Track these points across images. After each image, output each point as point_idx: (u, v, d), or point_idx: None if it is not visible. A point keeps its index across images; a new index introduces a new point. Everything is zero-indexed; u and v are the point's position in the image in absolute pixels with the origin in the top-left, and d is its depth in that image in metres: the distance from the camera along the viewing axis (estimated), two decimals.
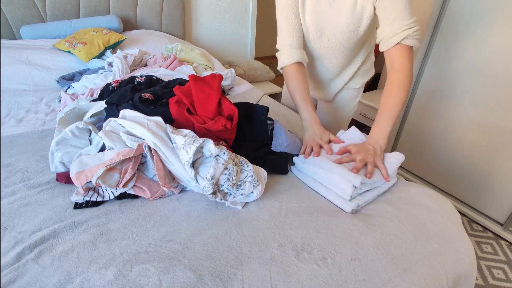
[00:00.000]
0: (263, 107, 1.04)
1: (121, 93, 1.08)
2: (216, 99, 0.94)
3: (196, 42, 2.44)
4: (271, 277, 0.63)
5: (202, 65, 1.80)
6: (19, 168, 0.90)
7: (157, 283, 0.60)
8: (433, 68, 1.77)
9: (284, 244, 0.71)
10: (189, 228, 0.74)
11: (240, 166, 0.81)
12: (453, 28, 1.63)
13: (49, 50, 1.59)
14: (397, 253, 0.72)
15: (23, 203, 0.77)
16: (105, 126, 0.88)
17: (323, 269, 0.66)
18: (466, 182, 1.76)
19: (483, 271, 1.48)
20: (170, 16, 2.15)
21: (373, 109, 2.41)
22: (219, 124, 0.90)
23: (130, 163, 0.80)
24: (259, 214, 0.80)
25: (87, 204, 0.78)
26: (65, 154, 0.87)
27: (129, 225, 0.74)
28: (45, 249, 0.65)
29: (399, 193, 0.92)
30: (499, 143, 1.56)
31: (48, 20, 1.78)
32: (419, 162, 1.99)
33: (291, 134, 1.04)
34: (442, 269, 0.70)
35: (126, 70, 1.44)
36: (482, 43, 1.53)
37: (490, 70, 1.52)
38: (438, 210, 0.86)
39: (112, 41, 1.64)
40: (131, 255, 0.66)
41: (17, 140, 1.04)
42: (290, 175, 0.97)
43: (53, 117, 1.24)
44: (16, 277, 0.60)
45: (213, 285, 0.61)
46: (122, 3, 1.95)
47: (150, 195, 0.81)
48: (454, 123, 1.73)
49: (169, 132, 0.82)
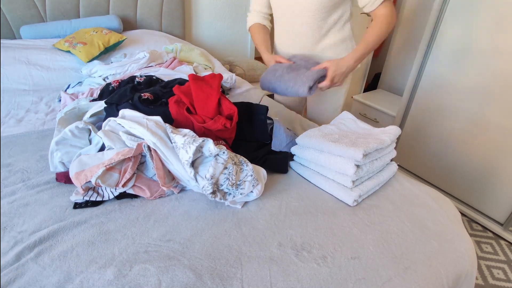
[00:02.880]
0: (263, 106, 1.04)
1: (120, 93, 1.08)
2: (216, 98, 0.94)
3: (196, 42, 2.44)
4: (270, 276, 0.63)
5: (202, 65, 1.80)
6: (19, 168, 0.90)
7: (157, 283, 0.60)
8: (433, 67, 1.77)
9: (284, 243, 0.71)
10: (188, 227, 0.74)
11: (239, 166, 0.81)
12: (453, 28, 1.63)
13: (49, 50, 1.59)
14: (397, 252, 0.71)
15: (23, 203, 0.77)
16: (104, 125, 0.88)
17: (323, 268, 0.66)
18: (466, 182, 1.76)
19: (483, 271, 1.48)
20: (170, 16, 2.15)
21: (373, 109, 2.41)
22: (218, 124, 0.90)
23: (129, 163, 0.80)
24: (258, 214, 0.80)
25: (87, 204, 0.78)
26: (65, 154, 0.87)
27: (129, 224, 0.74)
28: (45, 249, 0.65)
29: (400, 191, 0.92)
30: (499, 143, 1.56)
31: (48, 20, 1.77)
32: (419, 162, 1.99)
33: (290, 133, 1.04)
34: (443, 268, 0.69)
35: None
36: (483, 42, 1.53)
37: (491, 70, 1.52)
38: (438, 209, 0.86)
39: (112, 41, 1.64)
40: (130, 255, 0.66)
41: (17, 140, 1.04)
42: (290, 174, 0.97)
43: (53, 117, 1.24)
44: (16, 277, 0.60)
45: (213, 284, 0.61)
46: (122, 3, 1.95)
47: (149, 195, 0.81)
48: (454, 123, 1.73)
49: (169, 132, 0.82)
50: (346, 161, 0.84)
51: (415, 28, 2.36)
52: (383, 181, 0.92)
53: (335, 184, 0.87)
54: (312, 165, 0.93)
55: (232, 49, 2.66)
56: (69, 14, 1.81)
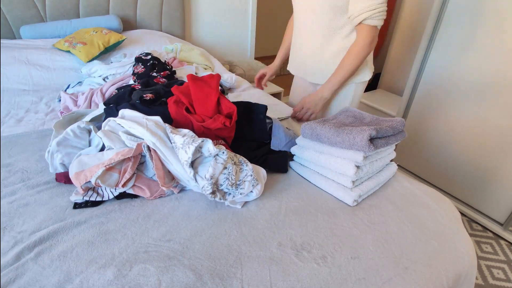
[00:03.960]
0: (262, 105, 1.04)
1: (119, 94, 1.09)
2: (215, 97, 0.94)
3: (196, 42, 2.44)
4: (270, 276, 0.63)
5: (202, 65, 1.79)
6: (18, 168, 0.90)
7: (157, 283, 0.60)
8: (433, 68, 1.77)
9: (284, 243, 0.71)
10: (188, 227, 0.74)
11: (239, 166, 0.81)
12: (453, 28, 1.63)
13: (49, 50, 1.59)
14: (397, 251, 0.71)
15: (23, 203, 0.77)
16: (104, 125, 0.88)
17: (323, 268, 0.66)
18: (466, 182, 1.76)
19: (483, 271, 1.48)
20: (170, 16, 2.15)
21: (373, 109, 2.41)
22: (218, 122, 0.90)
23: (129, 163, 0.80)
24: (258, 214, 0.80)
25: (87, 204, 0.78)
26: (65, 155, 0.86)
27: (129, 224, 0.74)
28: (45, 249, 0.65)
29: (400, 191, 0.92)
30: (500, 143, 1.56)
31: (48, 19, 1.77)
32: (419, 162, 1.99)
33: (289, 132, 1.04)
34: (442, 268, 0.69)
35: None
36: (482, 43, 1.53)
37: (491, 70, 1.52)
38: (438, 209, 0.86)
39: (112, 41, 1.64)
40: (130, 255, 0.65)
41: (17, 140, 1.04)
42: (290, 174, 0.97)
43: (53, 117, 1.24)
44: (16, 277, 0.60)
45: (213, 284, 0.61)
46: (122, 3, 1.95)
47: (149, 195, 0.81)
48: (454, 123, 1.73)
49: (168, 132, 0.82)
50: (347, 162, 0.84)
51: (415, 28, 2.36)
52: (383, 181, 0.92)
53: (335, 184, 0.87)
54: (312, 165, 0.93)
55: (232, 49, 2.66)
56: (69, 14, 1.81)
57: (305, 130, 0.92)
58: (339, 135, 0.83)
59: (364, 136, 0.78)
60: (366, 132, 0.79)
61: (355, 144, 0.80)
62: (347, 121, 0.97)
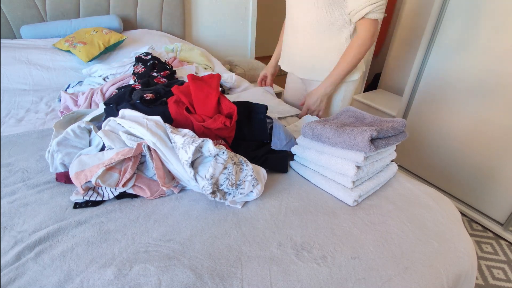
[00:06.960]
0: (262, 105, 1.04)
1: (120, 94, 1.09)
2: (215, 97, 0.94)
3: (196, 42, 2.44)
4: (270, 276, 0.63)
5: (202, 65, 1.79)
6: (19, 167, 0.90)
7: (157, 283, 0.60)
8: (433, 68, 1.77)
9: (284, 243, 0.71)
10: (188, 227, 0.74)
11: (239, 166, 0.81)
12: (453, 28, 1.63)
13: (49, 50, 1.59)
14: (398, 251, 0.71)
15: (23, 203, 0.77)
16: (104, 125, 0.88)
17: (323, 268, 0.66)
18: (466, 182, 1.76)
19: (483, 271, 1.48)
20: (170, 16, 2.15)
21: (373, 109, 2.41)
22: (218, 122, 0.90)
23: (129, 163, 0.80)
24: (258, 214, 0.80)
25: (87, 203, 0.78)
26: (66, 155, 0.86)
27: (129, 224, 0.74)
28: (45, 249, 0.65)
29: (400, 191, 0.92)
30: (500, 143, 1.56)
31: (48, 19, 1.77)
32: (419, 162, 1.99)
33: (289, 132, 1.04)
34: (442, 268, 0.69)
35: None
36: (483, 43, 1.53)
37: (491, 70, 1.52)
38: (438, 209, 0.86)
39: (113, 41, 1.64)
40: (130, 255, 0.66)
41: (17, 140, 1.04)
42: (290, 174, 0.97)
43: (53, 116, 1.24)
44: (16, 276, 0.60)
45: (213, 284, 0.61)
46: (122, 2, 1.95)
47: (149, 195, 0.81)
48: (454, 123, 1.73)
49: (168, 132, 0.82)
50: (347, 162, 0.83)
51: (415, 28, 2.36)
52: (383, 181, 0.92)
53: (335, 184, 0.87)
54: (312, 165, 0.93)
55: (232, 49, 2.66)
56: (69, 14, 1.81)
57: (306, 130, 0.92)
58: (340, 136, 0.83)
59: (365, 136, 0.79)
60: (367, 132, 0.79)
61: (356, 145, 0.80)
62: (348, 122, 0.97)
